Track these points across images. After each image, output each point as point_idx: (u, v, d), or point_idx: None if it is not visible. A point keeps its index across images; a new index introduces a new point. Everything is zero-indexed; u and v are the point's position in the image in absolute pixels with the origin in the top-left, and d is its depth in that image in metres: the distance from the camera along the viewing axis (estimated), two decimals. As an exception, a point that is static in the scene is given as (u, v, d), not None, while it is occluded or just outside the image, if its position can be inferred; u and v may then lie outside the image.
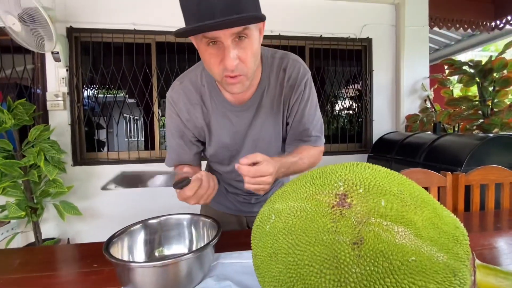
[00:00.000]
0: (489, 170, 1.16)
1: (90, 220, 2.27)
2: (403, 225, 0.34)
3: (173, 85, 0.74)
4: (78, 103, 2.26)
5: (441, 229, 0.35)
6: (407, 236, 0.33)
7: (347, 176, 0.41)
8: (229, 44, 0.52)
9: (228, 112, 0.72)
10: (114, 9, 2.29)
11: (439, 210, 0.37)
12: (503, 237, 0.80)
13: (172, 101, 0.73)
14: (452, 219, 0.37)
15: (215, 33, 0.51)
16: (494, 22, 3.17)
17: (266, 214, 0.45)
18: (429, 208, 0.37)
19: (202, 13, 0.48)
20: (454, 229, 0.36)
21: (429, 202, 0.38)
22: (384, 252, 0.32)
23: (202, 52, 0.57)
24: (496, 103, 2.26)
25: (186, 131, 0.75)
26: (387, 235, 0.33)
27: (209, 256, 0.55)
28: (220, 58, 0.54)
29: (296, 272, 0.35)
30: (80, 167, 2.27)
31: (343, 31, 2.67)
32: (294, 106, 0.74)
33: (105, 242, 0.54)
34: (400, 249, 0.32)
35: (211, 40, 0.53)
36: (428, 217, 0.36)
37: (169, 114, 0.75)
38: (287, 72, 0.71)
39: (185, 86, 0.72)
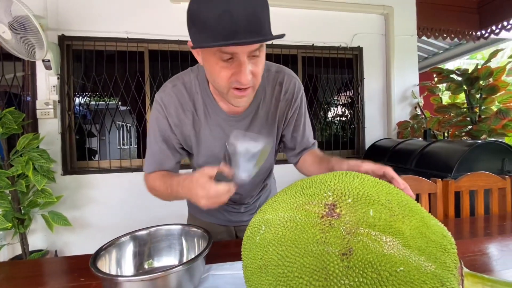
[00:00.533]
0: (477, 176, 1.18)
1: (79, 231, 2.21)
2: (391, 235, 0.34)
3: (165, 87, 0.71)
4: (69, 111, 2.23)
5: (429, 238, 0.35)
6: (395, 246, 0.33)
7: (336, 185, 0.41)
8: (245, 60, 0.54)
9: (222, 122, 0.72)
10: (107, 18, 2.29)
11: (426, 219, 0.38)
12: (493, 243, 0.81)
13: (162, 103, 0.70)
14: (440, 228, 0.38)
15: (234, 49, 0.52)
16: (480, 32, 3.28)
17: (257, 225, 0.45)
18: (417, 217, 0.37)
19: (222, 28, 0.48)
20: (441, 238, 0.36)
21: (417, 211, 0.38)
22: (373, 263, 0.32)
23: (212, 65, 0.56)
24: (483, 110, 2.32)
25: (171, 137, 0.73)
26: (376, 245, 0.33)
27: (199, 268, 0.54)
28: (232, 72, 0.55)
29: (286, 284, 0.35)
30: (71, 176, 2.22)
31: (335, 40, 2.72)
32: (291, 119, 0.79)
33: (92, 255, 0.52)
34: (388, 260, 0.32)
35: (226, 55, 0.53)
36: (416, 226, 0.36)
37: (155, 116, 0.71)
38: (284, 86, 0.74)
39: (179, 90, 0.70)
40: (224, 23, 0.48)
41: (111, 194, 2.28)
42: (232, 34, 0.48)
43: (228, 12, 0.47)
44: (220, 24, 0.48)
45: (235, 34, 0.48)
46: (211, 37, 0.50)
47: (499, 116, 2.17)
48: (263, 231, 0.42)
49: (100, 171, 2.29)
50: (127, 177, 2.32)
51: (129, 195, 2.30)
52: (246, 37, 0.49)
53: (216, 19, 0.48)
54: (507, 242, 0.80)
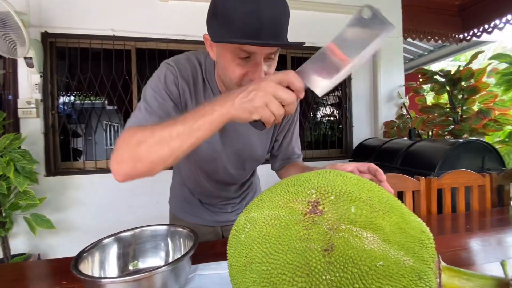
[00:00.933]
0: (458, 174, 1.22)
1: (64, 233, 2.15)
2: (371, 230, 0.35)
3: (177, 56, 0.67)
4: (52, 111, 2.17)
5: (408, 234, 0.36)
6: (376, 241, 0.34)
7: (320, 183, 0.41)
8: (261, 61, 0.55)
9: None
10: (92, 15, 2.24)
11: (406, 215, 0.39)
12: (473, 238, 0.84)
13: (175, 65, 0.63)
14: (418, 224, 0.39)
15: (254, 49, 0.52)
16: (462, 34, 3.40)
17: (242, 223, 0.45)
18: (397, 213, 0.38)
19: (249, 26, 0.49)
20: (420, 233, 0.37)
21: (397, 207, 0.39)
22: (353, 258, 0.33)
23: (227, 61, 0.56)
24: (465, 110, 2.41)
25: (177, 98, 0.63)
26: (356, 241, 0.34)
27: (185, 268, 0.53)
28: (246, 70, 0.56)
29: (270, 281, 0.35)
30: (54, 177, 2.16)
31: (323, 41, 2.75)
32: (285, 126, 0.80)
33: (74, 257, 0.51)
34: (368, 255, 0.33)
35: (245, 53, 0.53)
36: (395, 222, 0.37)
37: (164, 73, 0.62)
38: None
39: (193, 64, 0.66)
40: (250, 22, 0.48)
41: (97, 195, 2.23)
42: (256, 34, 0.49)
43: (256, 12, 0.48)
44: (246, 22, 0.49)
45: (259, 35, 0.49)
46: (234, 34, 0.50)
47: (480, 116, 2.25)
48: (248, 229, 0.42)
49: (86, 171, 2.23)
50: (113, 178, 2.27)
51: (116, 196, 2.25)
52: (269, 39, 0.50)
53: (242, 16, 0.48)
54: (487, 237, 0.83)
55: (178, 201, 0.93)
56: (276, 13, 0.50)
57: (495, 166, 1.79)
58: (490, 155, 1.78)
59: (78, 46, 2.22)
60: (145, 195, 2.30)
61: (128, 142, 0.50)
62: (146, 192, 2.30)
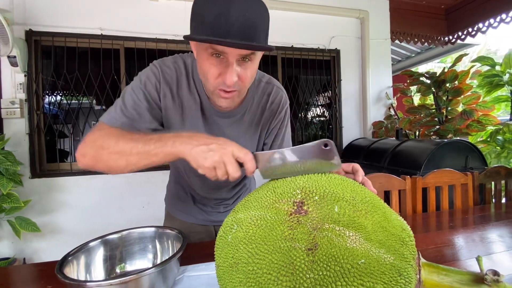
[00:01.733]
0: (442, 173, 1.26)
1: (50, 237, 2.10)
2: (354, 229, 0.36)
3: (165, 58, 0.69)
4: (37, 111, 2.11)
5: (389, 232, 0.37)
6: (358, 240, 0.35)
7: (305, 184, 0.42)
8: (233, 62, 0.55)
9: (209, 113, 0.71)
10: (79, 13, 2.19)
11: (388, 214, 0.40)
12: (456, 235, 0.87)
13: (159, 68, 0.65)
14: (399, 222, 0.40)
15: (225, 49, 0.53)
16: (447, 37, 3.50)
17: (229, 224, 0.46)
18: (379, 212, 0.39)
19: (218, 26, 0.50)
20: (401, 231, 0.38)
21: (379, 206, 0.40)
22: (336, 256, 0.33)
23: (203, 60, 0.57)
24: (449, 111, 2.48)
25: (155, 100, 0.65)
26: (339, 240, 0.35)
27: (173, 269, 0.53)
28: (220, 71, 0.56)
29: (255, 281, 0.36)
30: (40, 179, 2.10)
31: (313, 42, 2.78)
32: (274, 130, 0.81)
33: (59, 261, 0.50)
34: (350, 253, 0.34)
35: (216, 52, 0.54)
36: (377, 221, 0.38)
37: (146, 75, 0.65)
38: (271, 97, 0.77)
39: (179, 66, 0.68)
40: (219, 22, 0.50)
41: (84, 197, 2.18)
42: (224, 34, 0.50)
43: (226, 13, 0.49)
44: (216, 22, 0.50)
45: (227, 35, 0.50)
46: (205, 32, 0.51)
47: (464, 117, 2.33)
48: (235, 230, 0.43)
49: (73, 173, 2.18)
50: (101, 179, 2.23)
51: (104, 198, 2.22)
52: (239, 39, 0.50)
53: (214, 17, 0.50)
54: (469, 234, 0.87)
55: (172, 199, 0.93)
56: (248, 16, 0.50)
57: (477, 165, 1.85)
58: (473, 155, 1.84)
59: (64, 45, 2.17)
60: (134, 196, 2.27)
61: (95, 141, 0.56)
62: (136, 193, 2.27)
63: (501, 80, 2.22)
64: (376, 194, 0.44)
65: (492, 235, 0.85)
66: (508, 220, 0.98)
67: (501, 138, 2.15)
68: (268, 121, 0.79)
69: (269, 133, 0.81)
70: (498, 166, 1.44)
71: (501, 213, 1.09)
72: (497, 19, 2.93)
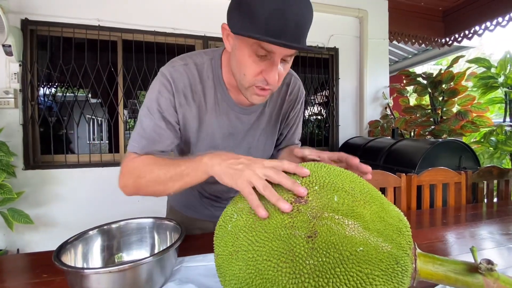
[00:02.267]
0: (437, 171, 1.28)
1: (43, 229, 2.08)
2: (353, 218, 0.37)
3: (173, 63, 0.65)
4: (32, 102, 2.08)
5: (387, 222, 0.38)
6: (356, 228, 0.36)
7: (305, 174, 0.43)
8: (278, 61, 0.54)
9: (230, 112, 0.69)
10: (76, 3, 2.16)
11: (385, 205, 0.41)
12: (449, 231, 0.88)
13: (170, 77, 0.63)
14: (397, 213, 0.41)
15: (274, 48, 0.51)
16: (444, 39, 3.53)
17: (229, 213, 0.46)
18: (377, 203, 0.40)
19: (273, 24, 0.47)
20: (398, 222, 0.39)
21: (377, 197, 0.41)
22: (335, 243, 0.34)
23: (244, 56, 0.55)
24: (444, 112, 2.51)
25: (173, 116, 0.65)
26: (338, 228, 0.35)
27: (170, 259, 0.53)
28: (261, 69, 0.55)
29: (255, 268, 0.36)
30: (33, 171, 2.08)
31: (312, 40, 2.78)
32: (291, 120, 0.81)
33: (56, 249, 0.50)
34: (349, 241, 0.34)
35: (265, 52, 0.52)
36: (375, 211, 0.39)
37: (158, 90, 0.63)
38: (290, 88, 0.77)
39: (190, 70, 0.65)
40: (275, 20, 0.47)
41: (78, 190, 2.17)
42: (279, 33, 0.48)
43: (282, 10, 0.47)
44: (270, 19, 0.47)
45: (282, 34, 0.48)
46: (257, 29, 0.48)
47: (458, 118, 2.36)
48: (235, 219, 0.43)
49: (67, 165, 2.16)
50: (97, 172, 2.21)
51: (98, 191, 2.20)
52: (290, 40, 0.49)
53: (268, 13, 0.47)
54: (461, 231, 0.88)
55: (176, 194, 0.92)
56: (302, 15, 0.49)
57: (471, 165, 1.88)
58: (466, 155, 1.88)
59: (60, 35, 2.14)
60: (129, 190, 2.26)
61: (131, 172, 0.61)
62: (130, 187, 2.26)
63: (496, 82, 2.25)
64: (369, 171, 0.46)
65: (483, 232, 0.87)
66: (499, 219, 1.00)
67: (494, 139, 2.19)
68: (287, 112, 0.79)
69: (286, 123, 0.81)
70: (491, 166, 1.47)
71: (492, 211, 1.12)
72: (493, 22, 2.97)
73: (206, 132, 0.70)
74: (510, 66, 2.20)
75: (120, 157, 2.34)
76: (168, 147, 0.67)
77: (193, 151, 0.72)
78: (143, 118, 0.64)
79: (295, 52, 0.55)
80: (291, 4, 0.47)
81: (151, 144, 0.64)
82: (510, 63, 2.19)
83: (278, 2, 0.47)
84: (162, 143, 0.65)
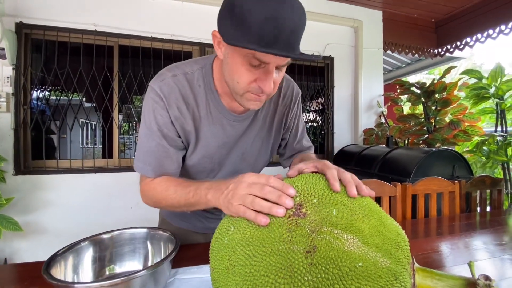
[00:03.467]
0: (431, 180, 1.29)
1: (32, 237, 2.02)
2: (352, 233, 0.36)
3: (162, 75, 0.64)
4: (24, 106, 2.04)
5: (385, 236, 0.38)
6: (355, 243, 0.35)
7: (303, 187, 0.42)
8: (273, 70, 0.53)
9: (223, 120, 0.68)
10: (73, 7, 2.15)
11: (384, 218, 0.41)
12: (444, 242, 0.89)
13: (161, 93, 0.62)
14: (395, 227, 0.41)
15: (268, 58, 0.50)
16: (437, 50, 3.61)
17: (226, 226, 0.45)
18: (376, 216, 0.40)
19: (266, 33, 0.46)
20: (396, 236, 0.39)
21: (375, 211, 0.41)
22: (334, 259, 0.34)
23: (237, 65, 0.54)
24: (438, 121, 2.55)
25: (172, 131, 0.64)
26: (337, 243, 0.35)
27: (164, 272, 0.52)
28: (256, 77, 0.54)
29: (252, 284, 0.35)
30: (24, 176, 2.03)
31: (308, 48, 2.82)
32: (290, 123, 0.80)
33: (46, 261, 0.48)
34: (348, 256, 0.34)
35: (258, 62, 0.51)
36: (374, 225, 0.38)
37: (152, 108, 0.62)
38: (282, 90, 0.76)
39: (179, 81, 0.63)
40: (268, 29, 0.46)
41: (71, 196, 2.12)
42: (272, 42, 0.47)
43: (275, 18, 0.45)
44: (263, 28, 0.46)
45: (276, 43, 0.47)
46: (249, 38, 0.47)
47: (451, 127, 2.40)
48: (232, 232, 0.42)
49: (59, 171, 2.12)
50: (89, 178, 2.17)
51: (91, 198, 2.16)
52: (284, 48, 0.48)
53: (261, 21, 0.46)
54: (456, 241, 0.89)
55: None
56: (294, 24, 0.48)
57: (464, 174, 1.91)
58: (459, 164, 1.90)
59: (56, 39, 2.12)
60: (122, 196, 2.22)
61: (148, 197, 0.67)
62: (123, 193, 2.22)
63: (487, 93, 2.30)
64: (372, 197, 0.45)
65: (478, 243, 0.87)
66: (492, 229, 1.01)
67: (487, 148, 2.23)
68: (283, 116, 0.78)
69: (286, 127, 0.80)
70: (484, 175, 1.49)
71: (485, 221, 1.13)
72: (484, 34, 3.05)
73: (201, 143, 0.69)
74: (500, 78, 2.26)
75: (114, 163, 2.30)
76: (176, 167, 0.68)
77: (186, 162, 0.71)
78: (145, 139, 0.65)
79: (289, 60, 0.54)
80: (284, 11, 0.46)
81: (161, 164, 0.66)
82: (500, 74, 2.25)
83: (270, 10, 0.45)
84: (171, 159, 0.66)
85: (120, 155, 2.34)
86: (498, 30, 2.92)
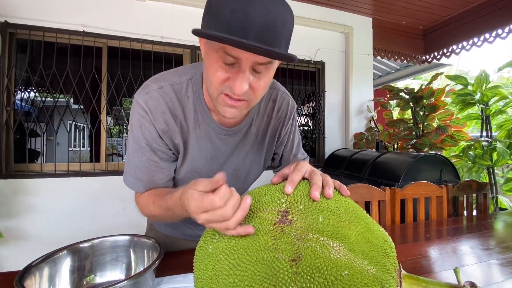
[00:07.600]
0: (419, 185, 1.30)
1: (13, 243, 1.94)
2: (338, 240, 0.35)
3: (147, 87, 0.60)
4: (7, 107, 1.98)
5: (372, 243, 0.37)
6: (342, 251, 0.34)
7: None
8: (246, 69, 0.48)
9: (212, 134, 0.65)
10: (61, 7, 2.10)
11: (370, 224, 0.40)
12: (432, 246, 0.89)
13: (146, 107, 0.59)
14: (382, 233, 0.40)
15: (239, 54, 0.46)
16: (424, 56, 3.70)
17: (210, 234, 0.44)
18: (362, 223, 0.39)
19: (234, 24, 0.43)
20: (383, 243, 0.38)
21: (362, 217, 0.40)
22: (320, 267, 0.33)
23: (211, 61, 0.50)
24: (426, 126, 2.60)
25: (161, 145, 0.63)
26: (323, 250, 0.34)
27: (147, 282, 0.50)
28: (229, 76, 0.50)
29: (236, 294, 0.34)
30: (5, 180, 1.95)
31: (300, 53, 2.84)
32: (284, 137, 0.77)
33: (19, 273, 0.46)
34: (334, 264, 0.33)
35: (231, 59, 0.48)
36: (360, 232, 0.38)
37: (139, 123, 0.60)
38: (277, 103, 0.73)
39: (166, 93, 0.60)
40: (236, 20, 0.43)
41: (55, 201, 2.05)
42: (241, 33, 0.43)
43: (243, 10, 0.43)
44: (232, 18, 0.43)
45: (245, 35, 0.43)
46: (218, 29, 0.44)
47: (439, 132, 2.44)
48: (216, 240, 0.41)
49: (43, 175, 2.05)
50: (75, 182, 2.11)
51: (77, 203, 2.09)
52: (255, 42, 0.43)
53: (230, 11, 0.43)
54: (443, 246, 0.89)
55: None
56: (269, 17, 0.44)
57: (451, 178, 1.94)
58: (447, 168, 1.93)
59: (42, 40, 2.07)
60: (110, 201, 2.16)
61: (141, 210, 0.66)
62: (111, 198, 2.16)
63: (472, 99, 2.36)
64: (355, 202, 0.44)
65: (465, 247, 0.88)
66: (479, 233, 1.02)
67: (472, 153, 2.28)
68: (277, 130, 0.74)
69: (279, 142, 0.77)
70: (470, 180, 1.52)
71: (472, 225, 1.14)
72: (469, 42, 3.15)
73: (188, 157, 0.66)
74: (485, 84, 2.32)
75: (101, 167, 2.24)
76: (168, 173, 0.67)
77: (176, 176, 0.69)
78: (135, 153, 0.63)
79: (267, 61, 0.49)
80: (256, 3, 0.43)
81: (152, 179, 0.65)
82: (485, 81, 2.31)
83: (242, 1, 0.43)
84: (162, 172, 0.65)
85: (108, 158, 2.29)
86: (482, 38, 3.02)
